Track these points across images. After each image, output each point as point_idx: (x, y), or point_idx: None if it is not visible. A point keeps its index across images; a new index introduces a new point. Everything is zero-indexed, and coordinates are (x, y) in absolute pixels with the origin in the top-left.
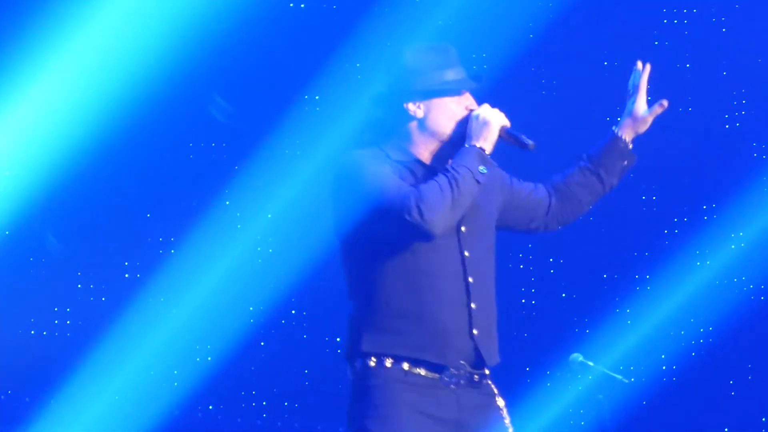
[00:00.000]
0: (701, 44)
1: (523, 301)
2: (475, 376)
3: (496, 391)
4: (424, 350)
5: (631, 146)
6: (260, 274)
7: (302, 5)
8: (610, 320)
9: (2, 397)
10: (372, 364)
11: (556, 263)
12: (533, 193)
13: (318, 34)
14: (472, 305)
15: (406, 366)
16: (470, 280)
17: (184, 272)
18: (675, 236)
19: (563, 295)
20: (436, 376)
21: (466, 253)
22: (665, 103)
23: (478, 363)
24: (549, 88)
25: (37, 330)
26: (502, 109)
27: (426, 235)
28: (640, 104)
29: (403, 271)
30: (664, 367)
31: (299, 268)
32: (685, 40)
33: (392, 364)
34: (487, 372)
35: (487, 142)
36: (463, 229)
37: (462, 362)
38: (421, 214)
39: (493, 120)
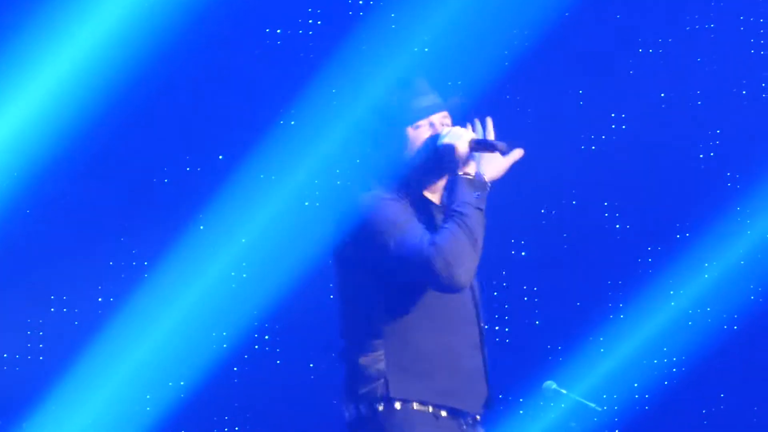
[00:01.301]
0: (674, 75)
1: (497, 328)
2: (477, 417)
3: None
4: (450, 396)
5: None
6: (234, 299)
7: (278, 30)
8: (584, 348)
9: None
10: (398, 407)
11: (529, 291)
12: None
13: (294, 59)
14: (485, 350)
15: (430, 409)
16: (482, 324)
17: (157, 296)
18: (648, 264)
19: (537, 322)
20: (457, 420)
21: (476, 292)
22: None
23: (490, 407)
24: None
25: (9, 353)
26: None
27: (457, 291)
28: None
29: (430, 315)
30: (636, 396)
31: (273, 294)
32: (658, 69)
33: (419, 407)
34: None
35: (466, 165)
36: None
37: (479, 407)
38: (451, 275)
39: (457, 140)
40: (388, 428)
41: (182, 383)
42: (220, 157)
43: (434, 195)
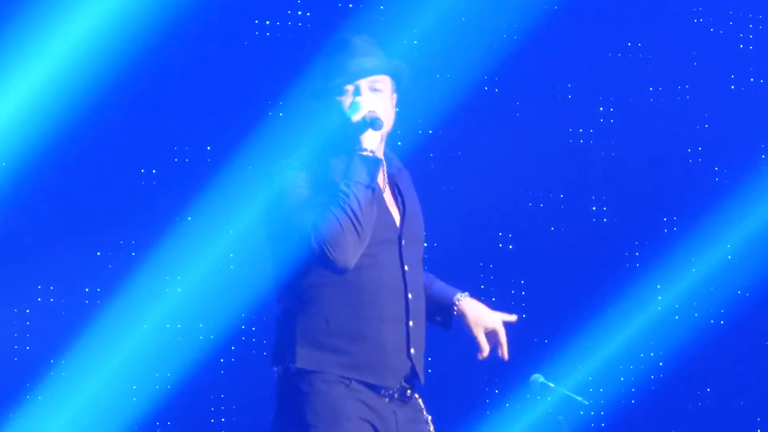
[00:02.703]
0: (662, 70)
1: None
2: (408, 392)
3: (422, 405)
4: (363, 371)
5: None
6: (222, 291)
7: (267, 22)
8: (571, 342)
9: None
10: (309, 372)
11: (517, 284)
12: None
13: (283, 51)
14: (410, 323)
15: (344, 380)
16: (410, 296)
17: (145, 287)
18: (635, 259)
19: (524, 315)
20: (373, 392)
21: (406, 267)
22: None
23: (412, 380)
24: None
25: None
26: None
27: (341, 272)
28: (481, 326)
29: (344, 287)
30: (623, 390)
31: (261, 285)
32: (647, 64)
33: (330, 377)
34: (415, 387)
35: (366, 141)
36: (403, 241)
37: (399, 381)
38: (329, 258)
39: (355, 113)
40: (298, 392)
41: (169, 374)
42: (208, 147)
43: None
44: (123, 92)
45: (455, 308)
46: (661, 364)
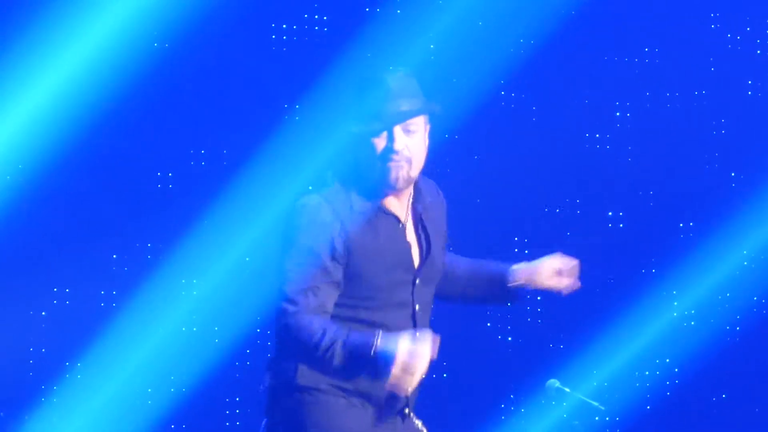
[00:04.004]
0: (679, 75)
1: (499, 326)
2: (406, 410)
3: (420, 424)
4: (363, 386)
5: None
6: (238, 294)
7: (284, 26)
8: (587, 347)
9: None
10: (309, 390)
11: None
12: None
13: (298, 57)
14: None
15: (344, 395)
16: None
17: (161, 290)
18: (652, 264)
19: (539, 321)
20: (375, 407)
21: (417, 307)
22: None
23: (411, 398)
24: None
25: (12, 347)
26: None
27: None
28: (547, 275)
29: (352, 321)
30: (639, 395)
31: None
32: (664, 69)
33: (332, 391)
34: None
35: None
36: (417, 281)
37: (400, 400)
38: (286, 337)
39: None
40: (300, 404)
41: (184, 377)
42: (225, 151)
43: (396, 202)
44: (139, 96)
45: (512, 283)
46: (676, 369)
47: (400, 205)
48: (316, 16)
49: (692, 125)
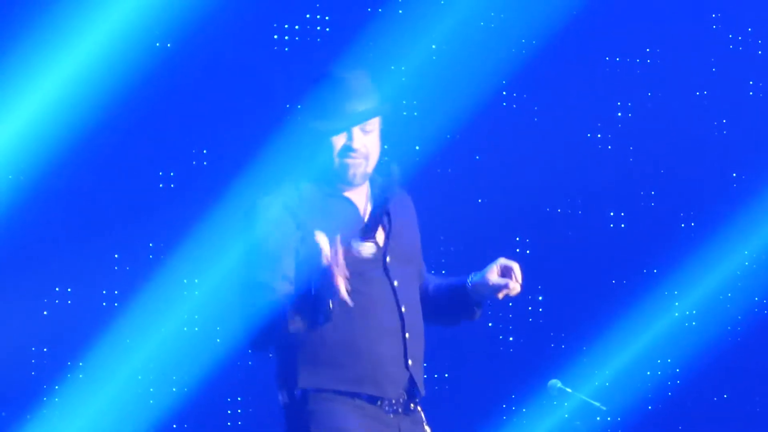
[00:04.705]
0: (681, 75)
1: (501, 326)
2: (411, 405)
3: (424, 417)
4: (362, 383)
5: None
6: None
7: (285, 26)
8: (589, 347)
9: None
10: (312, 394)
11: (534, 289)
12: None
13: (305, 55)
14: (407, 335)
15: (345, 396)
16: (403, 309)
17: (163, 290)
18: (654, 264)
19: (541, 321)
20: (376, 405)
21: (396, 283)
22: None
23: (412, 392)
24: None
25: (14, 347)
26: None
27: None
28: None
29: (336, 305)
30: (641, 395)
31: None
32: (666, 69)
33: (333, 395)
34: (417, 399)
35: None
36: (388, 259)
37: (399, 392)
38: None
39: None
40: (305, 412)
41: (186, 377)
42: (226, 151)
43: (354, 193)
44: (141, 96)
45: (468, 282)
46: (678, 370)
47: (358, 197)
48: (318, 16)
49: (693, 126)
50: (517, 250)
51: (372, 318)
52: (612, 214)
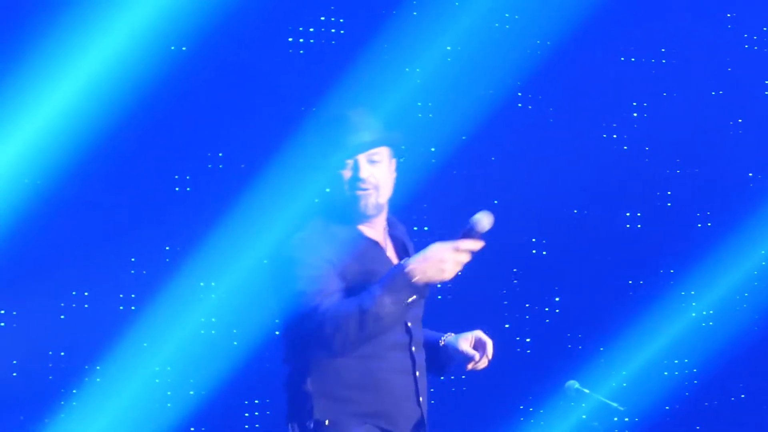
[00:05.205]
0: (697, 75)
1: (518, 327)
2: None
3: None
4: (377, 418)
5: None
6: (258, 296)
7: (300, 28)
8: (607, 348)
9: None
10: (327, 423)
11: (551, 290)
12: None
13: (319, 58)
14: (417, 373)
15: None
16: (413, 349)
17: (180, 292)
18: (671, 265)
19: (558, 322)
20: None
21: (409, 324)
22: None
23: (421, 428)
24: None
25: (32, 350)
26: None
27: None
28: (466, 342)
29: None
30: (658, 396)
31: None
32: (680, 71)
33: (347, 426)
34: None
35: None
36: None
37: (410, 428)
38: (330, 346)
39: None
40: None
41: (203, 381)
42: (242, 153)
43: (372, 229)
44: (157, 99)
45: (441, 340)
46: (695, 370)
47: (376, 232)
48: (333, 19)
49: (709, 126)
50: (534, 252)
51: (386, 358)
52: (628, 214)
